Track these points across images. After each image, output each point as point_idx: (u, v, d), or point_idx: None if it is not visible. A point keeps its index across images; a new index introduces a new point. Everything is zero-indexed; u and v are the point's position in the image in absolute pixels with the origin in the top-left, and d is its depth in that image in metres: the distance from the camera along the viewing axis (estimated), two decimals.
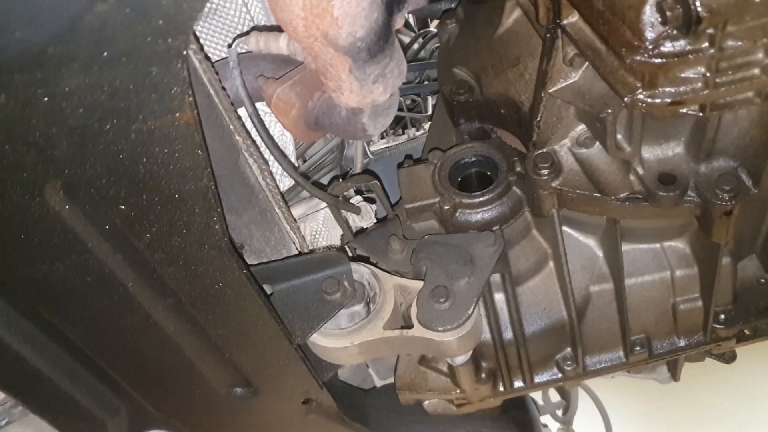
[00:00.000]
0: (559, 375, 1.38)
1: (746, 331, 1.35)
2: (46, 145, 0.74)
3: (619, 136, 1.06)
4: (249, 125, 1.10)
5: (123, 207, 0.84)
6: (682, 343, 1.34)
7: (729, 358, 1.49)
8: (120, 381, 1.19)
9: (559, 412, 2.45)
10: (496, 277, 1.26)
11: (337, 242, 1.41)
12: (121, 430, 1.33)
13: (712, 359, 1.51)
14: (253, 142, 1.08)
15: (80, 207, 0.84)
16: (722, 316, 1.30)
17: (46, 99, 0.69)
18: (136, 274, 0.95)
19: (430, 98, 1.54)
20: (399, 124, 1.55)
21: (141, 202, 0.84)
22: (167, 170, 0.81)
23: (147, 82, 0.72)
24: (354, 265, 1.22)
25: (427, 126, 1.50)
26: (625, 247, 1.25)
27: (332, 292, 1.15)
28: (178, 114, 0.76)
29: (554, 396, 2.43)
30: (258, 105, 1.12)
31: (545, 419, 2.33)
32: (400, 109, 1.49)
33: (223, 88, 1.01)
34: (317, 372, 1.26)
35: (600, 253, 1.30)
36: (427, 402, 1.47)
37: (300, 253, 1.26)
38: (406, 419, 1.56)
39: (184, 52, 0.71)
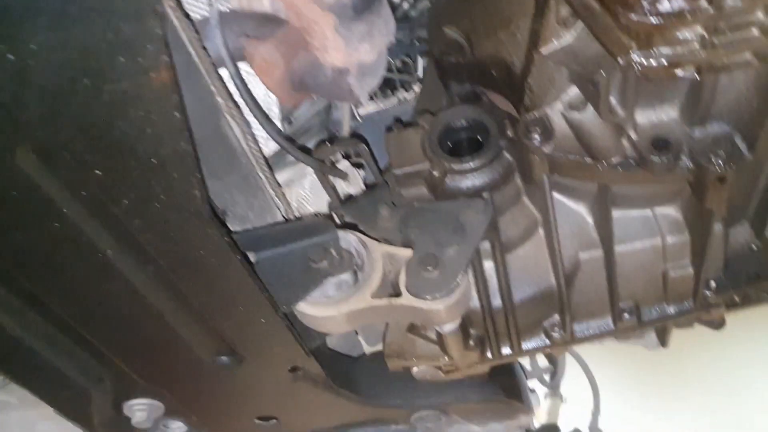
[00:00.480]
0: (547, 342, 1.37)
1: (736, 298, 1.34)
2: (15, 106, 0.71)
3: (612, 99, 1.04)
4: (231, 86, 1.06)
5: (99, 172, 0.82)
6: (672, 310, 1.33)
7: (718, 324, 1.49)
8: (103, 349, 1.17)
9: (547, 377, 2.47)
10: (486, 245, 1.24)
11: (323, 209, 1.39)
12: (105, 398, 1.32)
13: (701, 326, 1.50)
14: (236, 104, 1.05)
15: (54, 172, 0.81)
16: (712, 283, 1.29)
17: (11, 56, 0.66)
18: (115, 241, 0.93)
19: (420, 59, 1.50)
20: (388, 86, 1.52)
21: (117, 166, 0.81)
22: (143, 133, 0.78)
23: (119, 40, 0.68)
24: (341, 233, 1.19)
25: (417, 88, 1.47)
26: (616, 213, 1.23)
27: (319, 260, 1.14)
28: (152, 74, 0.73)
29: (542, 361, 2.45)
30: (240, 65, 1.09)
31: (532, 384, 2.34)
32: (389, 71, 1.45)
33: (204, 48, 0.98)
34: (305, 340, 1.25)
35: (590, 220, 1.28)
36: (415, 369, 1.46)
37: (285, 220, 1.23)
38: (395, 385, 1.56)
39: (158, 8, 0.68)
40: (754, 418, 3.21)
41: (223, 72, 1.06)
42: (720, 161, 1.03)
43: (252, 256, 1.15)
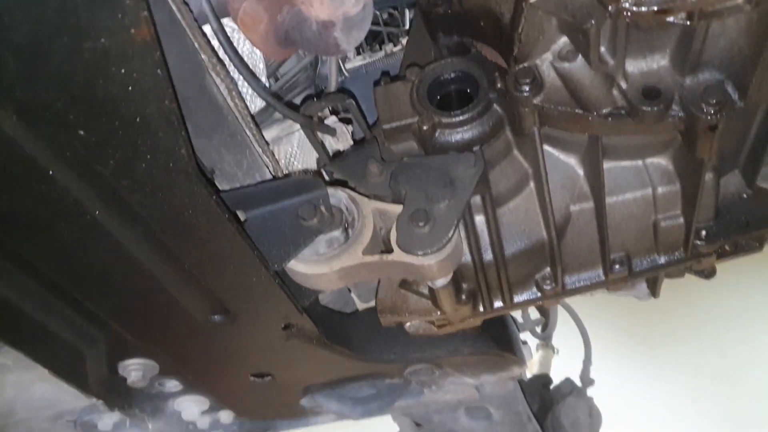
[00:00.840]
0: (539, 294, 1.38)
1: (727, 247, 1.34)
2: None
3: (602, 49, 1.02)
4: (215, 43, 1.04)
5: (82, 132, 0.80)
6: (663, 260, 1.34)
7: (709, 274, 1.50)
8: (95, 311, 1.17)
9: (538, 329, 2.49)
10: (477, 199, 1.23)
11: (312, 166, 1.37)
12: (100, 359, 1.33)
13: (692, 276, 1.51)
14: (220, 60, 1.03)
15: (37, 133, 0.80)
16: (703, 232, 1.29)
17: None
18: (103, 203, 0.92)
19: (408, 11, 1.47)
20: (375, 39, 1.49)
21: (101, 126, 0.80)
22: (126, 92, 0.77)
23: None
24: (331, 190, 1.19)
25: (404, 41, 1.45)
26: (607, 164, 1.22)
27: (309, 217, 1.13)
28: (133, 30, 0.71)
29: (534, 313, 2.47)
30: (224, 21, 1.06)
31: (524, 336, 2.36)
32: (376, 23, 1.43)
33: (186, 3, 0.95)
34: (297, 297, 1.25)
35: (581, 172, 1.27)
36: (408, 324, 1.47)
37: (274, 178, 1.22)
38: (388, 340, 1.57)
39: None
40: (744, 365, 3.27)
41: (207, 28, 1.03)
42: (711, 110, 1.02)
43: (241, 215, 1.14)
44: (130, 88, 0.76)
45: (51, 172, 0.85)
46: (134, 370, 1.35)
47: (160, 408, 1.58)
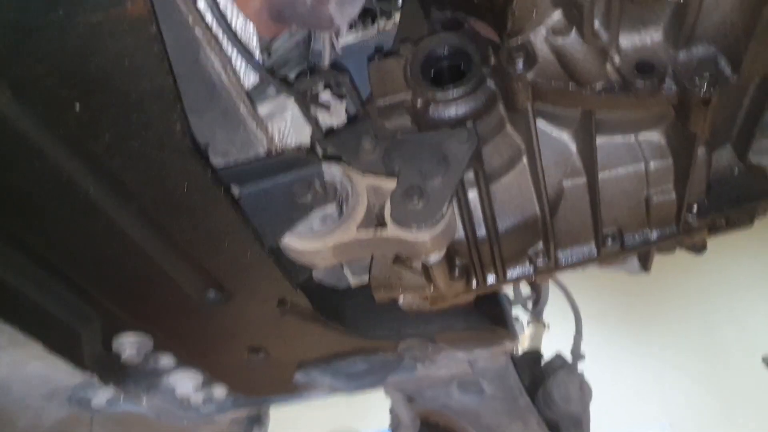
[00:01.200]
0: (532, 270, 1.39)
1: (717, 222, 1.35)
2: None
3: (596, 23, 1.02)
4: (209, 18, 1.03)
5: (76, 108, 0.80)
6: (655, 235, 1.34)
7: (700, 248, 1.51)
8: (89, 289, 1.17)
9: (530, 305, 2.51)
10: (470, 175, 1.23)
11: (306, 142, 1.37)
12: (95, 336, 1.33)
13: (683, 251, 1.52)
14: (214, 36, 1.02)
15: (31, 109, 0.80)
16: (695, 207, 1.30)
17: None
18: (96, 180, 0.92)
19: None
20: (368, 14, 1.48)
21: (95, 102, 0.80)
22: (120, 67, 0.76)
23: None
24: (325, 165, 1.18)
25: (397, 16, 1.44)
26: (600, 139, 1.23)
27: (303, 193, 1.13)
28: (128, 5, 0.71)
29: (525, 289, 2.48)
30: None
31: (516, 312, 2.38)
32: None
33: None
34: (291, 274, 1.25)
35: (573, 147, 1.28)
36: (401, 299, 1.47)
37: (268, 154, 1.22)
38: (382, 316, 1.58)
39: None
40: (733, 341, 3.31)
41: (201, 3, 1.02)
42: (704, 84, 1.02)
43: (235, 191, 1.14)
44: (124, 63, 0.75)
45: (44, 149, 0.84)
46: (129, 346, 1.36)
47: (155, 384, 1.59)
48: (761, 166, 1.32)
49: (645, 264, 1.58)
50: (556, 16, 1.10)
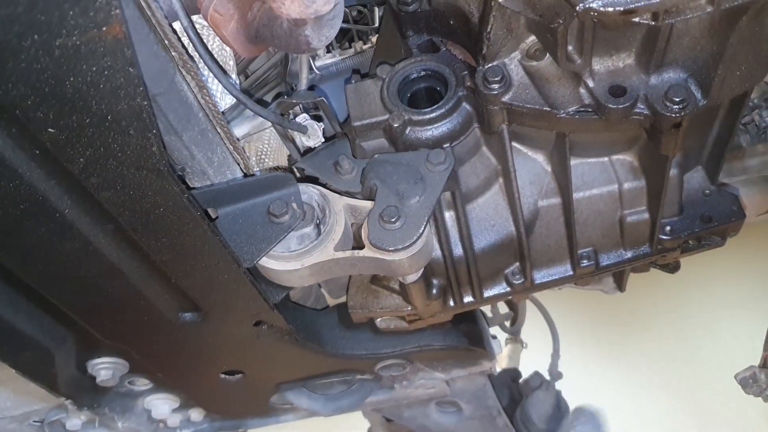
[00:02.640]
0: (508, 289, 1.40)
1: (691, 242, 1.37)
2: None
3: (569, 48, 1.04)
4: (185, 40, 1.04)
5: (52, 130, 0.80)
6: (629, 254, 1.36)
7: (673, 268, 1.53)
8: (64, 310, 1.16)
9: (508, 324, 2.52)
10: (447, 195, 1.25)
11: (284, 163, 1.37)
12: (69, 358, 1.32)
13: (657, 270, 1.54)
14: (190, 57, 1.02)
15: (6, 130, 0.79)
16: (668, 228, 1.32)
17: None
18: (72, 201, 0.91)
19: (377, 9, 1.48)
20: (345, 37, 1.49)
21: (71, 124, 0.79)
22: (97, 89, 0.76)
23: None
24: (302, 186, 1.19)
25: (374, 39, 1.45)
26: (574, 161, 1.24)
27: (280, 214, 1.13)
28: (105, 28, 0.71)
29: (503, 308, 2.49)
30: (194, 18, 1.06)
31: (494, 330, 2.38)
32: (345, 21, 1.43)
33: (156, 0, 0.95)
34: (268, 294, 1.25)
35: (549, 168, 1.29)
36: (379, 319, 1.48)
37: (245, 175, 1.22)
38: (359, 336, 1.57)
39: None
40: (709, 359, 3.34)
41: (177, 25, 1.03)
42: (675, 108, 1.04)
43: (212, 212, 1.14)
44: (101, 85, 0.75)
45: (19, 170, 0.84)
46: (104, 368, 1.34)
47: (130, 407, 1.57)
48: (731, 187, 1.35)
49: (620, 283, 1.60)
50: (531, 40, 1.11)
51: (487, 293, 1.40)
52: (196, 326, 1.25)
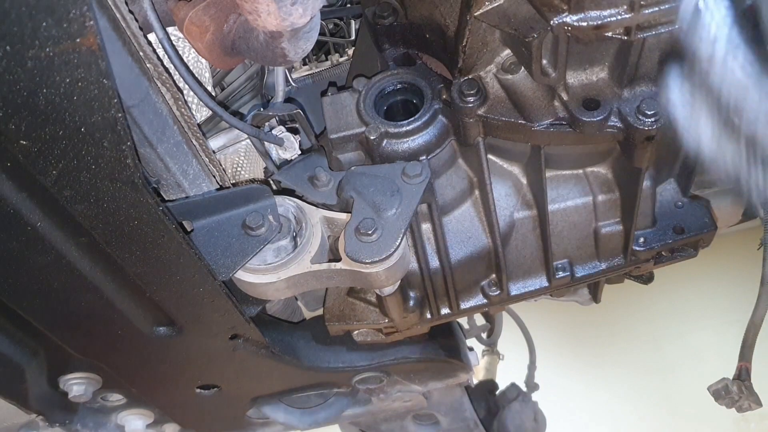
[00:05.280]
0: (485, 301, 1.40)
1: (664, 253, 1.39)
2: None
3: (544, 61, 1.05)
4: (161, 52, 1.03)
5: (24, 142, 0.78)
6: (603, 266, 1.37)
7: (647, 279, 1.55)
8: (36, 325, 1.14)
9: (484, 335, 2.53)
10: (423, 207, 1.25)
11: (260, 175, 1.37)
12: (40, 373, 1.29)
13: (632, 281, 1.56)
14: (166, 69, 1.01)
15: None
16: (642, 239, 1.34)
17: None
18: (45, 214, 0.90)
19: (353, 22, 1.48)
20: (321, 49, 1.49)
21: (44, 136, 0.78)
22: (70, 101, 0.75)
23: (41, 4, 0.65)
24: (278, 199, 1.18)
25: (350, 52, 1.45)
26: (549, 173, 1.25)
27: (256, 227, 1.12)
28: (79, 39, 0.70)
29: (479, 320, 2.50)
30: (169, 29, 1.05)
31: (471, 342, 2.39)
32: (322, 34, 1.43)
33: (131, 12, 0.94)
34: (244, 307, 1.24)
35: (524, 180, 1.30)
36: (356, 332, 1.47)
37: (221, 187, 1.21)
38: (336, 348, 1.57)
39: None
40: (681, 368, 3.37)
41: (152, 37, 1.02)
42: (648, 121, 1.06)
43: (188, 225, 1.13)
44: (74, 97, 0.75)
45: None
46: (76, 384, 1.32)
47: (103, 423, 1.55)
48: (703, 199, 1.36)
49: (595, 295, 1.61)
50: (506, 54, 1.13)
51: (464, 305, 1.41)
52: (171, 340, 1.23)
